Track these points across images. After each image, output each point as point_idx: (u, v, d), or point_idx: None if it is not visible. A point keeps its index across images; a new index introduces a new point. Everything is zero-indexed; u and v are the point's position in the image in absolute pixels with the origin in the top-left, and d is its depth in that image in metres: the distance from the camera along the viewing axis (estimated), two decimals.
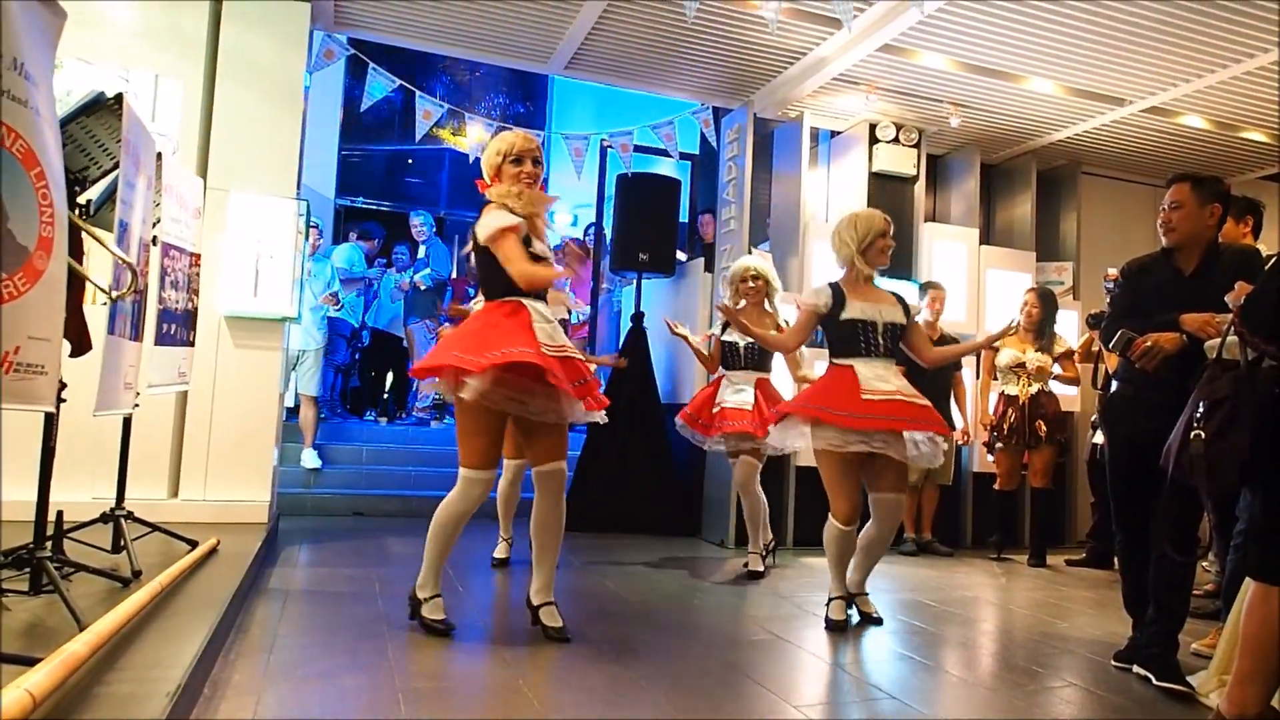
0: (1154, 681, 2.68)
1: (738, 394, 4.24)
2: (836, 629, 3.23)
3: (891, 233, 3.37)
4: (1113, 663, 2.90)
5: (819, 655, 2.96)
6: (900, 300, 3.40)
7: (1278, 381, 2.15)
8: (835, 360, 3.33)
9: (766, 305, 4.29)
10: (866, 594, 3.48)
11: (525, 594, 2.98)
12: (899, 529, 5.28)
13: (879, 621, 3.36)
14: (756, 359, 4.33)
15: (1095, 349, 5.07)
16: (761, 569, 4.27)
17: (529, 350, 2.65)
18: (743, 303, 4.23)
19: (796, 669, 2.82)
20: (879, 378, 3.20)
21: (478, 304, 3.73)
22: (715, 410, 4.28)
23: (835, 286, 3.34)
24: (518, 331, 2.73)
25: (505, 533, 4.30)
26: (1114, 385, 3.00)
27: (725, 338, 4.35)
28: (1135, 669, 2.78)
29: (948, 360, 3.71)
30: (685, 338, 4.41)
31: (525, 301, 2.81)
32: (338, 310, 6.45)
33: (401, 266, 7.37)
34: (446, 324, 5.72)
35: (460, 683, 2.45)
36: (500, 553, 4.26)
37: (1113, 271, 4.04)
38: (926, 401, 3.28)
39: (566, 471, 2.94)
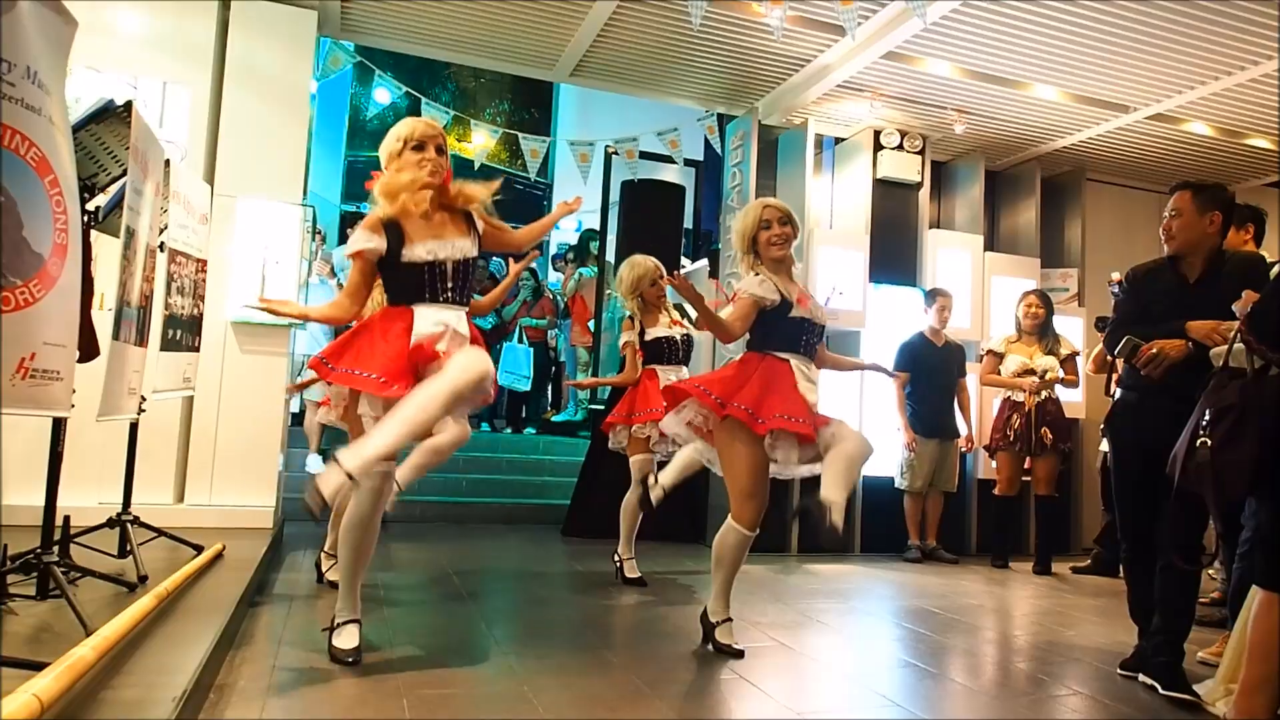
0: (1160, 690, 2.67)
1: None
2: (736, 655, 2.88)
3: (781, 220, 2.97)
4: (1118, 671, 2.90)
5: (824, 662, 2.96)
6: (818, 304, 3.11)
7: None
8: (768, 352, 2.95)
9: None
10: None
11: (525, 597, 2.97)
12: (899, 535, 5.36)
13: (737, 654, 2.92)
14: (687, 354, 4.20)
15: (1109, 358, 5.05)
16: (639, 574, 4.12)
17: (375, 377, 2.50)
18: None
19: (802, 676, 2.82)
20: (810, 380, 2.93)
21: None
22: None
23: (776, 284, 2.95)
24: (387, 345, 2.55)
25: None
26: (1118, 392, 3.00)
27: (661, 333, 4.11)
28: (1142, 678, 2.78)
29: (837, 367, 3.41)
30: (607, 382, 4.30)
31: (414, 310, 2.58)
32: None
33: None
34: None
35: (465, 690, 2.45)
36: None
37: (1116, 275, 4.04)
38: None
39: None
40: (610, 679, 2.58)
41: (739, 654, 2.89)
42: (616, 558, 4.18)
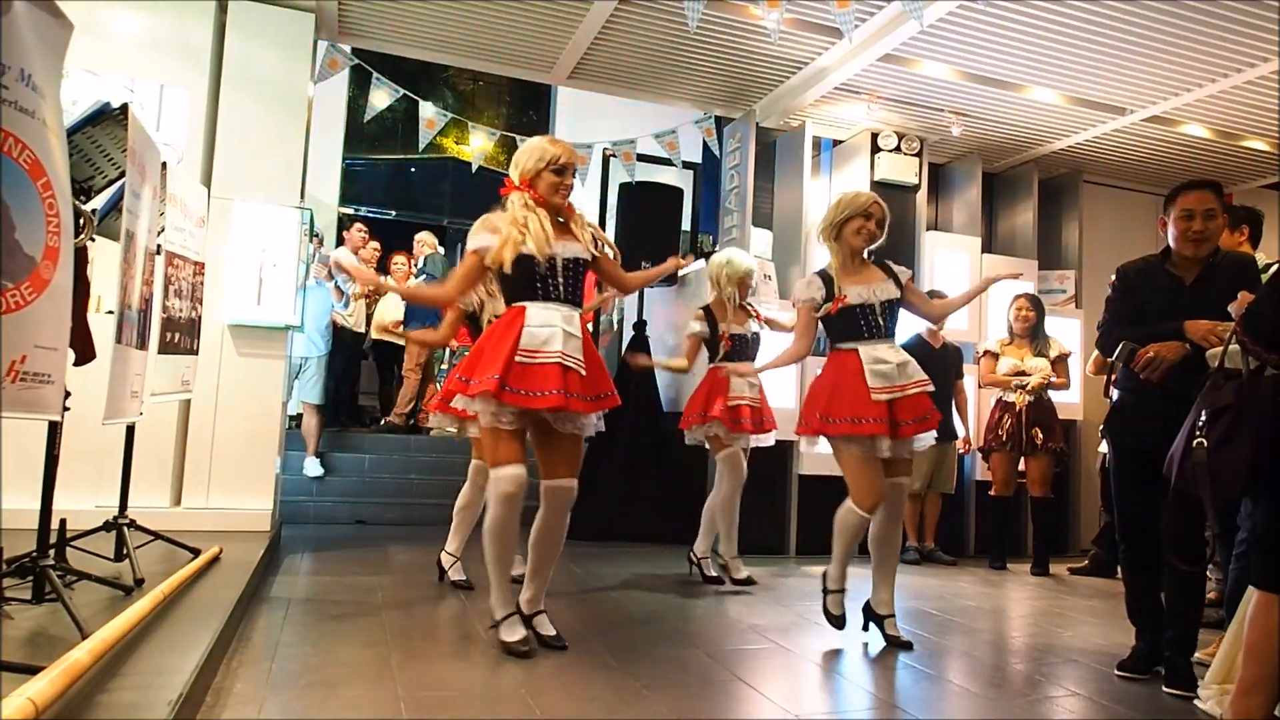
0: (1164, 687, 2.70)
1: (752, 388, 4.11)
2: (838, 625, 3.19)
3: (880, 221, 3.20)
4: (1116, 672, 2.90)
5: (822, 664, 2.95)
6: (889, 272, 3.26)
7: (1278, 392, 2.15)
8: (838, 345, 3.21)
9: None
10: (894, 615, 3.22)
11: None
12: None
13: (909, 646, 3.14)
14: (754, 350, 4.24)
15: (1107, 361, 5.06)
16: (744, 574, 4.16)
17: (492, 376, 2.65)
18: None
19: (799, 678, 2.82)
20: (881, 362, 3.10)
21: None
22: (733, 406, 4.05)
23: (824, 274, 3.24)
24: (499, 347, 2.72)
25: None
26: (1115, 394, 2.99)
27: (734, 330, 4.14)
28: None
29: (950, 310, 3.59)
30: (666, 366, 4.32)
31: (526, 307, 2.76)
32: (340, 304, 6.51)
33: (401, 278, 7.38)
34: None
35: (462, 692, 2.45)
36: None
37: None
38: (926, 383, 3.17)
39: (576, 489, 2.86)
40: (608, 680, 2.58)
41: (908, 645, 3.13)
42: (698, 557, 4.23)
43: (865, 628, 3.27)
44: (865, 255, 3.27)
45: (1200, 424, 2.27)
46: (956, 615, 3.83)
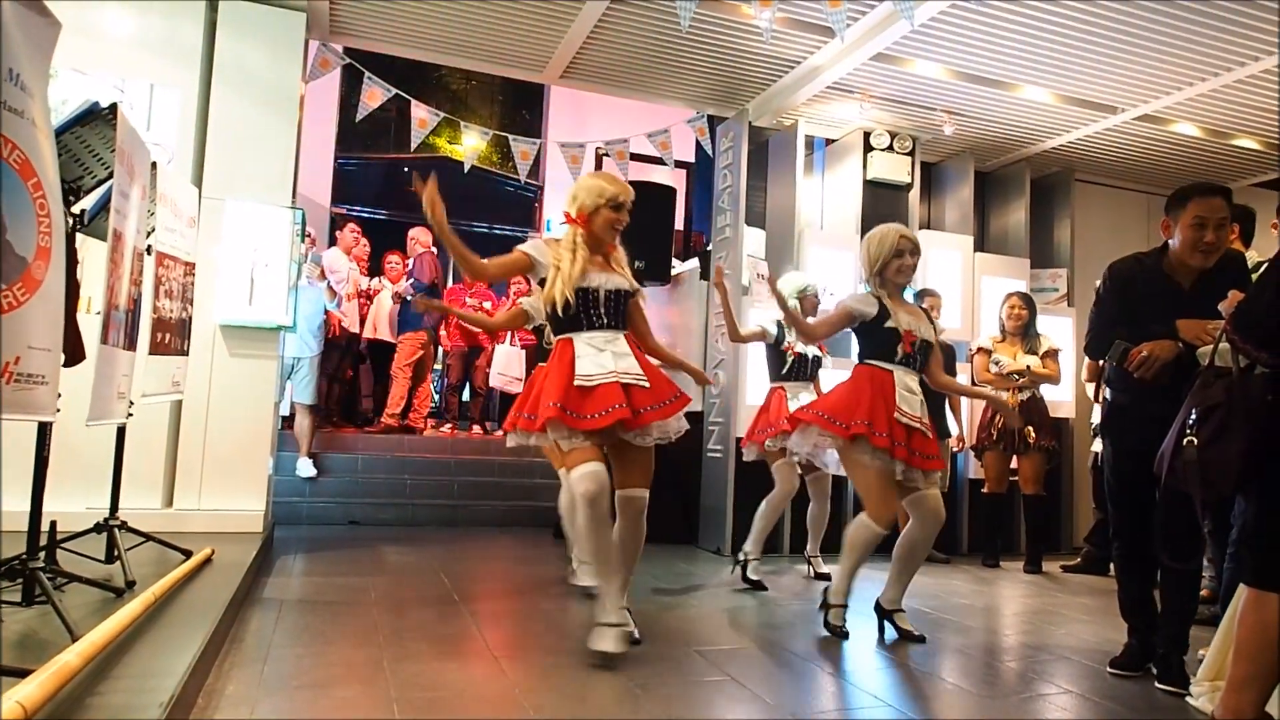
0: (1156, 683, 2.71)
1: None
2: (842, 636, 3.22)
3: (912, 251, 3.27)
4: (1108, 670, 2.91)
5: (817, 664, 2.96)
6: (929, 319, 3.42)
7: (1270, 388, 2.16)
8: (871, 362, 3.28)
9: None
10: (904, 610, 3.33)
11: (517, 599, 2.97)
12: (890, 535, 5.36)
13: (922, 639, 3.24)
14: (814, 371, 4.41)
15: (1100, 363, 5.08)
16: (757, 578, 4.21)
17: (551, 404, 2.74)
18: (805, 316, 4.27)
19: (792, 677, 2.82)
20: (910, 391, 3.21)
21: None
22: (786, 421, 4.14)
23: (878, 298, 3.30)
24: (556, 377, 2.81)
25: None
26: (1107, 393, 3.00)
27: (800, 349, 4.34)
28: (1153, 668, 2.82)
29: (951, 391, 3.73)
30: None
31: (573, 338, 2.86)
32: (333, 304, 6.49)
33: (394, 277, 7.37)
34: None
35: (455, 693, 2.44)
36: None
37: None
38: (931, 432, 3.26)
39: (648, 498, 2.88)
40: (601, 680, 2.58)
41: (920, 639, 3.23)
42: (746, 558, 4.25)
43: (880, 627, 3.33)
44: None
45: (1190, 422, 2.27)
46: (950, 613, 3.84)
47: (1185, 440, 2.26)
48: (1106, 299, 2.93)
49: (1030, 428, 5.16)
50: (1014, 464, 5.30)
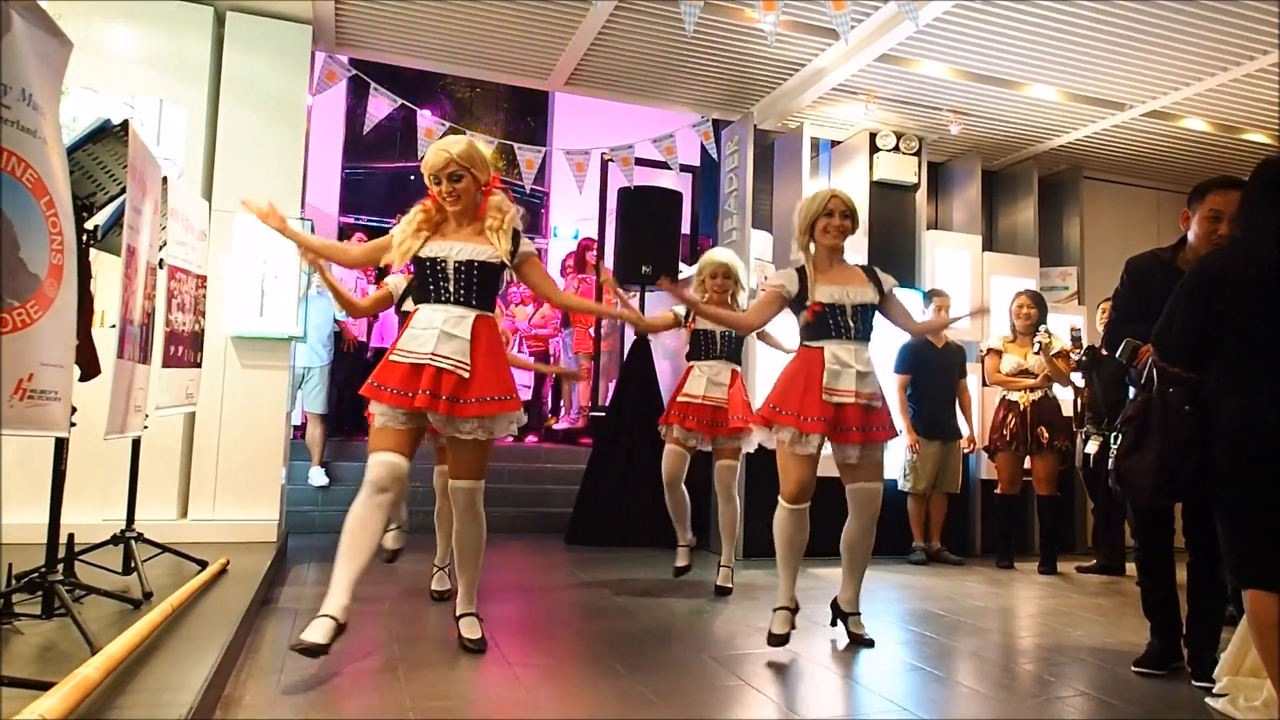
0: (1192, 681, 2.72)
1: (714, 388, 4.05)
2: (777, 643, 3.01)
3: (844, 214, 3.13)
4: (1132, 668, 2.89)
5: (829, 667, 2.95)
6: (873, 276, 3.20)
7: (1188, 399, 2.28)
8: (806, 343, 3.17)
9: (730, 302, 4.09)
10: (859, 613, 3.23)
11: (530, 605, 2.97)
12: (903, 537, 5.35)
13: (870, 644, 3.17)
14: (732, 349, 4.16)
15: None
16: (730, 585, 4.13)
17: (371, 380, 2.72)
18: (706, 297, 4.02)
19: (806, 682, 2.81)
20: (844, 366, 3.06)
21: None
22: (683, 401, 4.05)
23: (800, 271, 3.18)
24: (390, 351, 2.78)
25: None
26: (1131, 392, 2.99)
27: (699, 326, 4.12)
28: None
29: (925, 331, 3.62)
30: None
31: (418, 310, 2.81)
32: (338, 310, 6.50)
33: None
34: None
35: (470, 702, 2.45)
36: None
37: None
38: (881, 402, 3.15)
39: (478, 488, 2.80)
40: (615, 686, 2.58)
41: (869, 643, 3.18)
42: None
43: (833, 623, 3.30)
44: (845, 257, 3.22)
45: (1115, 434, 2.48)
46: (964, 615, 3.82)
47: (1110, 450, 2.48)
48: (1124, 295, 2.92)
49: (1043, 428, 5.14)
50: (1027, 465, 5.27)
